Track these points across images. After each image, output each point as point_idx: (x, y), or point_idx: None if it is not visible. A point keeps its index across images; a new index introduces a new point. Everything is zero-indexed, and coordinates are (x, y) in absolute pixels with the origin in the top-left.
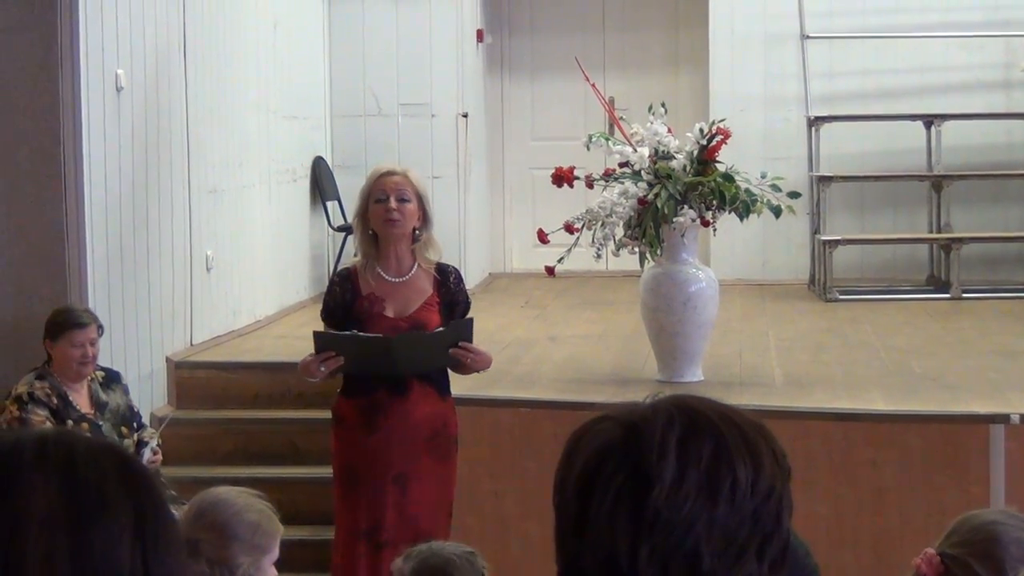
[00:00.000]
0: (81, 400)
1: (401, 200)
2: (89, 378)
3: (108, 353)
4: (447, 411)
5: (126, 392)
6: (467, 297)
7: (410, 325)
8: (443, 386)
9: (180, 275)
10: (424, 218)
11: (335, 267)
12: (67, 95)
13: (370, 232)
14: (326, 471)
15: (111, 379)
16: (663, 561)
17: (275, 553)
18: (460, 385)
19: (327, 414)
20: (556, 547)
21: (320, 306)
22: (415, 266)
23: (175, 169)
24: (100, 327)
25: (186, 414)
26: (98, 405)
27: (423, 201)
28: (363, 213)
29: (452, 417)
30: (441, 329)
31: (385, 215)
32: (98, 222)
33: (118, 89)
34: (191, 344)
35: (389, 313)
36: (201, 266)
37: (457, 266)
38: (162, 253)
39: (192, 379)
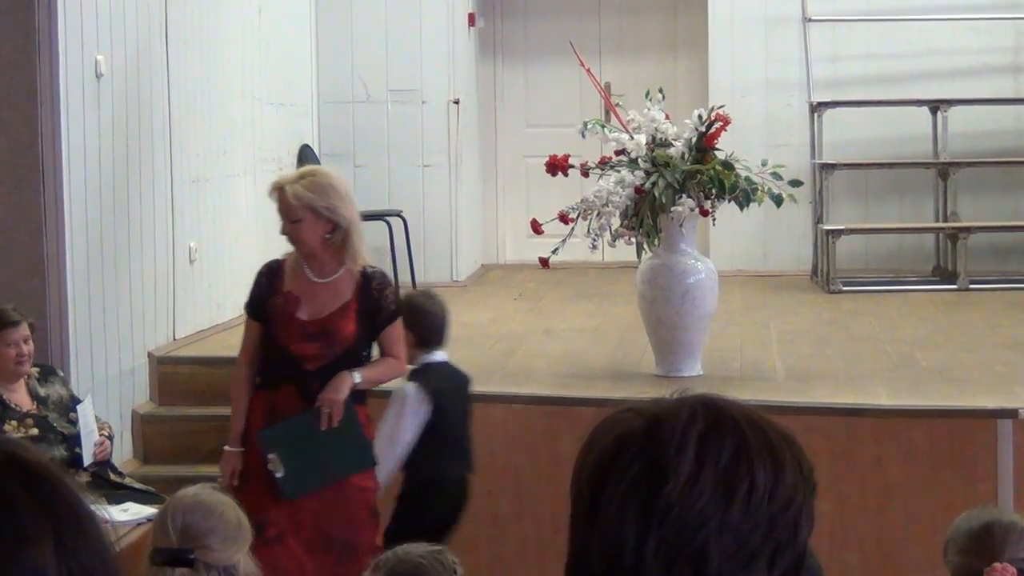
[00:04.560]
0: (20, 399)
1: (293, 221)
2: (26, 377)
3: (88, 348)
4: (362, 418)
5: (65, 383)
6: (393, 305)
7: (318, 330)
8: (356, 395)
9: (162, 267)
10: (333, 223)
11: None
12: (45, 82)
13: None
14: None
15: (48, 372)
16: (669, 557)
17: (245, 551)
18: None
19: None
20: (569, 535)
21: None
22: (342, 268)
23: (157, 158)
24: (32, 324)
25: (169, 411)
26: (39, 400)
27: (322, 211)
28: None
29: (365, 425)
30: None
31: (282, 233)
32: (77, 213)
33: (98, 76)
34: (174, 339)
35: (302, 315)
36: (184, 258)
37: (449, 257)
38: (143, 245)
39: (175, 374)
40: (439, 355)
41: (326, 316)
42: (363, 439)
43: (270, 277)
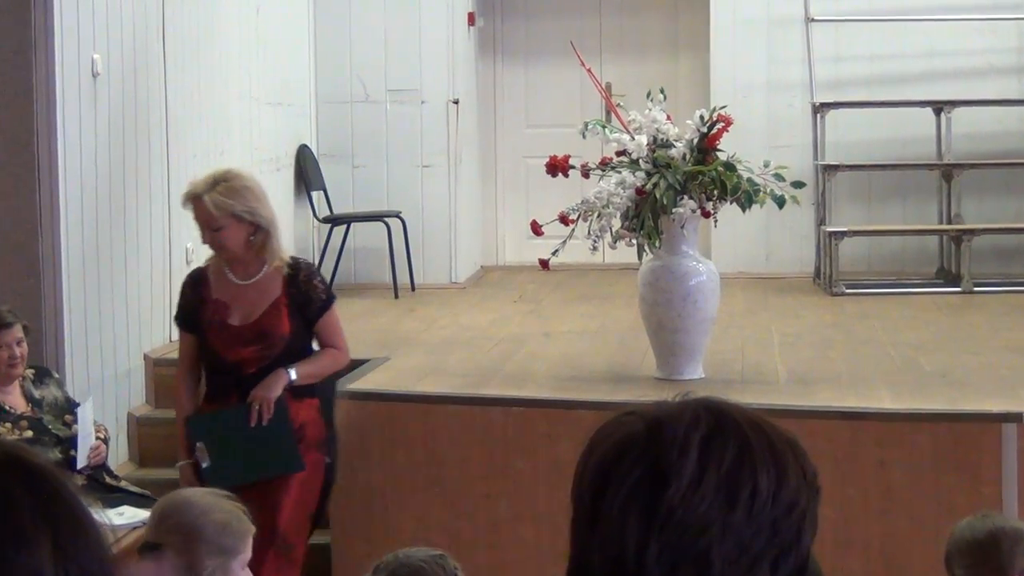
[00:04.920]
0: (14, 401)
1: (214, 230)
2: (20, 378)
3: (83, 350)
4: (303, 413)
5: (60, 385)
6: (324, 294)
7: (254, 333)
8: (299, 389)
9: (159, 269)
10: (255, 224)
11: (320, 260)
12: (41, 81)
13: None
14: None
15: (43, 374)
16: (671, 562)
17: (247, 554)
18: (449, 384)
19: None
20: (570, 539)
21: None
22: (265, 267)
23: (153, 158)
24: (26, 326)
25: (165, 413)
26: (34, 402)
27: (243, 215)
28: None
29: (311, 419)
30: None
31: (204, 242)
32: (73, 213)
33: (94, 75)
34: (170, 340)
35: (234, 321)
36: (180, 259)
37: (448, 259)
38: (140, 246)
39: (171, 377)
40: None
41: (259, 317)
42: (291, 442)
43: (195, 287)
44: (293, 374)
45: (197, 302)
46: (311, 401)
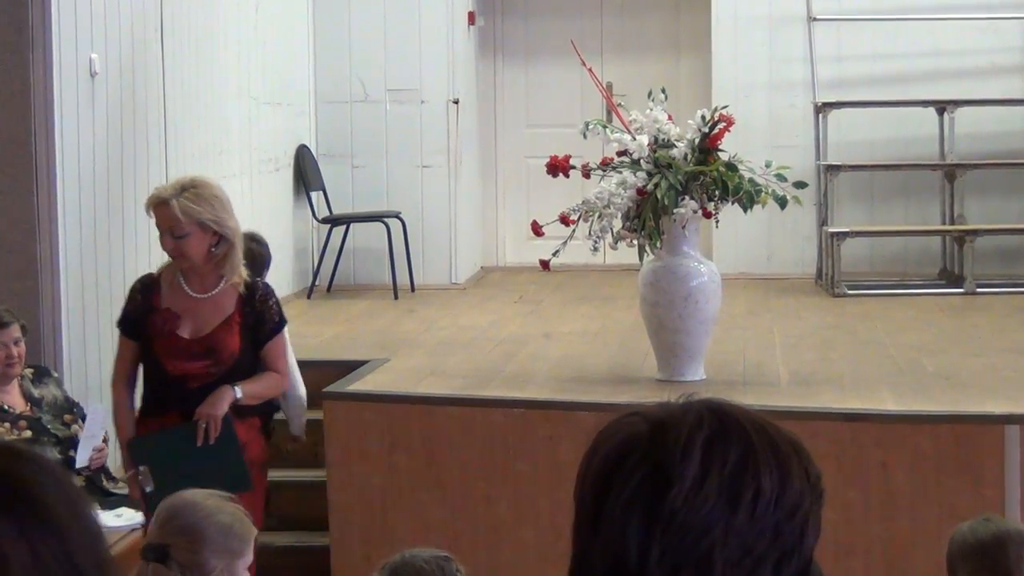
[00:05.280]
0: (13, 401)
1: (177, 237)
2: (19, 378)
3: (81, 351)
4: (244, 433)
5: (60, 384)
6: (277, 316)
7: (203, 348)
8: (241, 408)
9: (157, 269)
10: (219, 235)
11: (320, 261)
12: (38, 81)
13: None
14: (313, 474)
15: (42, 373)
16: (674, 564)
17: (249, 556)
18: (449, 385)
19: (313, 414)
20: (572, 540)
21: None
22: (222, 281)
23: (152, 158)
24: (24, 326)
25: None
26: (33, 401)
27: (209, 224)
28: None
29: (253, 439)
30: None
31: (164, 248)
32: (71, 213)
33: (92, 74)
34: None
35: (184, 333)
36: None
37: (448, 259)
38: (138, 246)
39: None
40: None
41: (210, 333)
42: (239, 459)
43: (145, 293)
44: (239, 392)
45: (147, 309)
46: (252, 420)
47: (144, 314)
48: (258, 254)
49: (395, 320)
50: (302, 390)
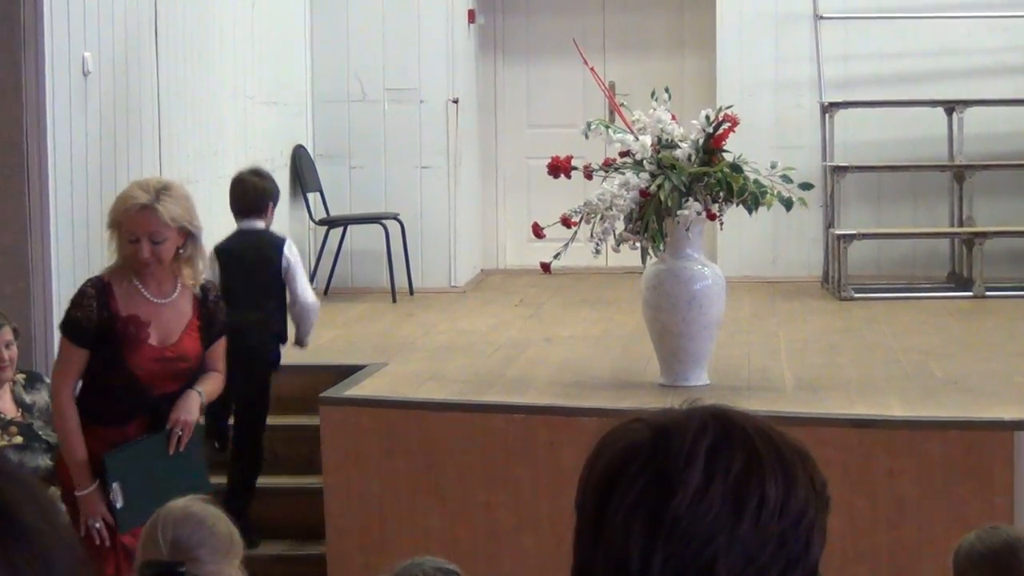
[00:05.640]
0: (4, 406)
1: (156, 243)
2: (11, 383)
3: None
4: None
5: None
6: (224, 317)
7: (175, 355)
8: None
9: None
10: (188, 236)
11: (317, 263)
12: (31, 80)
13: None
14: (309, 481)
15: (34, 379)
16: (676, 572)
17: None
18: (448, 390)
19: (309, 420)
20: (573, 548)
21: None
22: (178, 285)
23: (146, 159)
24: (15, 329)
25: None
26: (24, 407)
27: (187, 227)
28: (116, 228)
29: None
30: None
31: (136, 256)
32: (63, 214)
33: (85, 73)
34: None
35: (153, 341)
36: None
37: (447, 262)
38: None
39: None
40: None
41: (179, 339)
42: (201, 462)
43: (100, 299)
44: (203, 396)
45: (107, 317)
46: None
47: (104, 322)
48: (264, 189)
49: (393, 324)
50: (313, 297)
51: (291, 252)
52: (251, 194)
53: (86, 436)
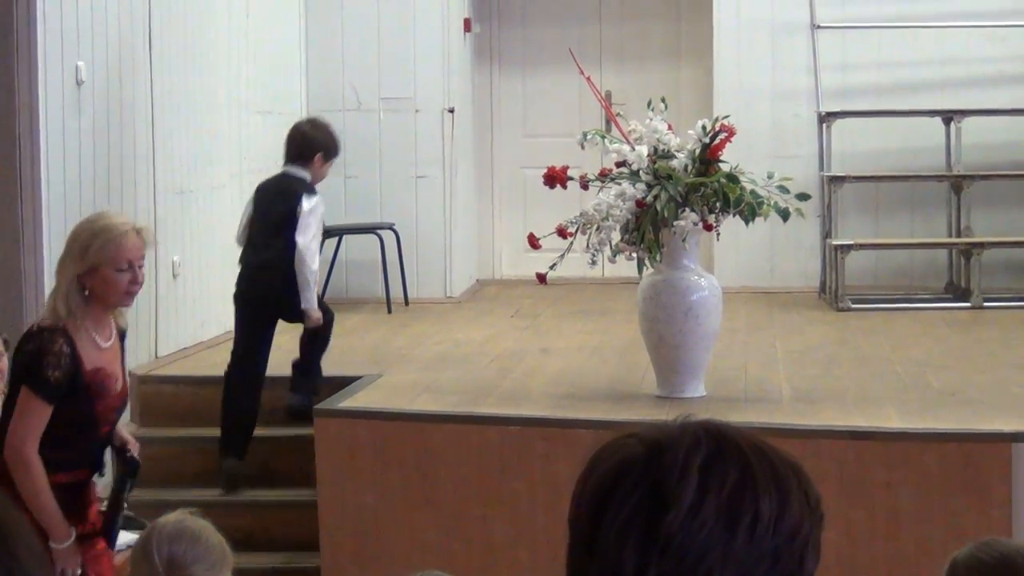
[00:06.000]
0: None
1: (141, 267)
2: (2, 394)
3: None
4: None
5: None
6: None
7: (123, 400)
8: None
9: (144, 283)
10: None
11: None
12: (24, 89)
13: (85, 292)
14: (301, 494)
15: None
16: None
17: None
18: (443, 402)
19: (303, 431)
20: (566, 563)
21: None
22: (113, 324)
23: (139, 168)
24: (7, 340)
25: (150, 432)
26: None
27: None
28: (85, 271)
29: None
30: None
31: (127, 288)
32: (56, 224)
33: (78, 83)
34: (156, 357)
35: (115, 389)
36: (167, 273)
37: (443, 272)
38: None
39: (157, 395)
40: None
41: (123, 381)
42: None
43: (72, 353)
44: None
45: (75, 372)
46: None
47: (72, 376)
48: (312, 138)
49: (388, 335)
50: (307, 250)
51: (308, 203)
52: (297, 140)
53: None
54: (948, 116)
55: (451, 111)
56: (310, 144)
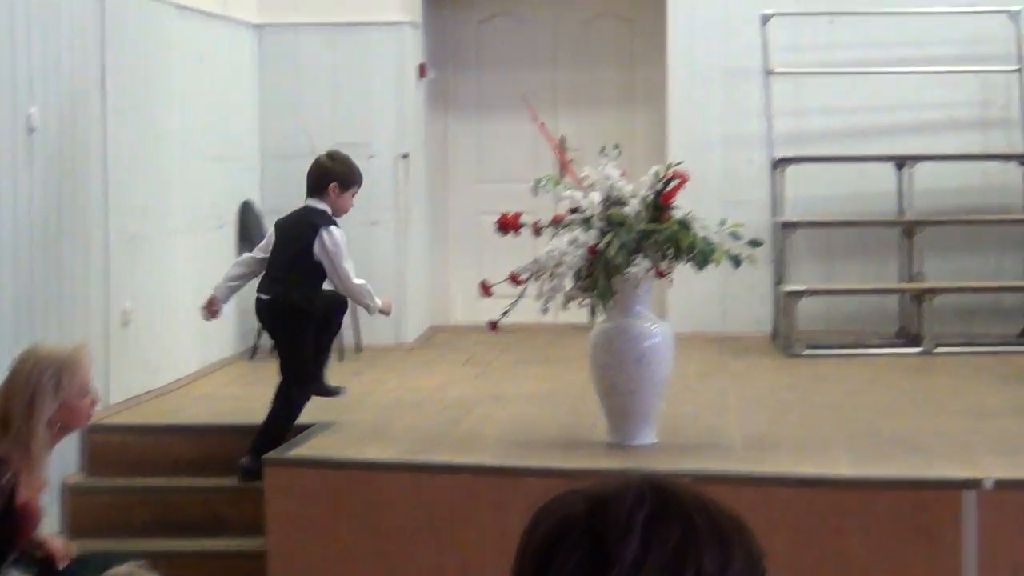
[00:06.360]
0: None
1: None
2: None
3: None
4: None
5: None
6: None
7: (39, 520)
8: None
9: (95, 330)
10: None
11: None
12: None
13: (57, 426)
14: (253, 544)
15: None
16: None
17: None
18: (394, 449)
19: (254, 481)
20: None
21: None
22: None
23: (91, 215)
24: None
25: (99, 482)
26: None
27: None
28: (55, 410)
29: None
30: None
31: (90, 411)
32: (5, 272)
33: (30, 130)
34: (106, 405)
35: (40, 515)
36: (118, 320)
37: (396, 318)
38: (76, 306)
39: (106, 444)
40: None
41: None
42: None
43: (10, 482)
44: None
45: (7, 505)
46: None
47: (6, 504)
48: (326, 169)
49: (340, 381)
50: (354, 282)
51: (328, 236)
52: (313, 173)
53: None
54: (900, 161)
55: (405, 157)
56: (325, 175)
